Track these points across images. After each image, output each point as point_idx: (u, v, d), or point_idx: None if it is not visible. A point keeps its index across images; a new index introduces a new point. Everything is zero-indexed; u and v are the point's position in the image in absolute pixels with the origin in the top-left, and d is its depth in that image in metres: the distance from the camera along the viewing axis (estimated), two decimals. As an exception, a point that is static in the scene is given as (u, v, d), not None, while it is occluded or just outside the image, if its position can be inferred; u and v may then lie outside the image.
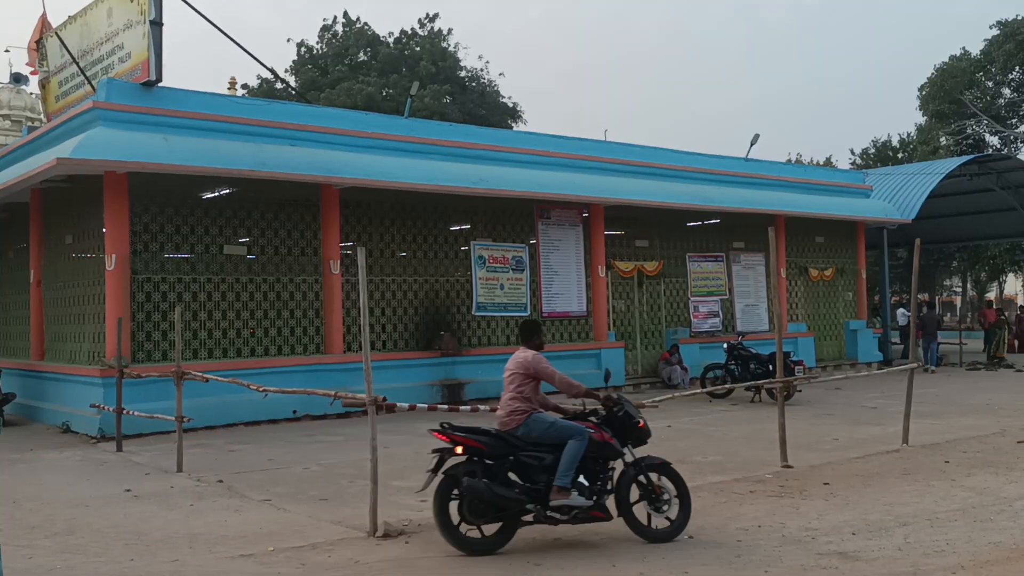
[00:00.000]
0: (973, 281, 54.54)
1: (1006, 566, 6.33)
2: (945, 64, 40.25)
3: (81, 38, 15.75)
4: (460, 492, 6.63)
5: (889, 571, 6.22)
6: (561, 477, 6.63)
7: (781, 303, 22.70)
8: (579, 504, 6.72)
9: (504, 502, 6.61)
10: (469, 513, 6.66)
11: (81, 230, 15.00)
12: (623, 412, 7.12)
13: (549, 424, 6.94)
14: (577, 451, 6.71)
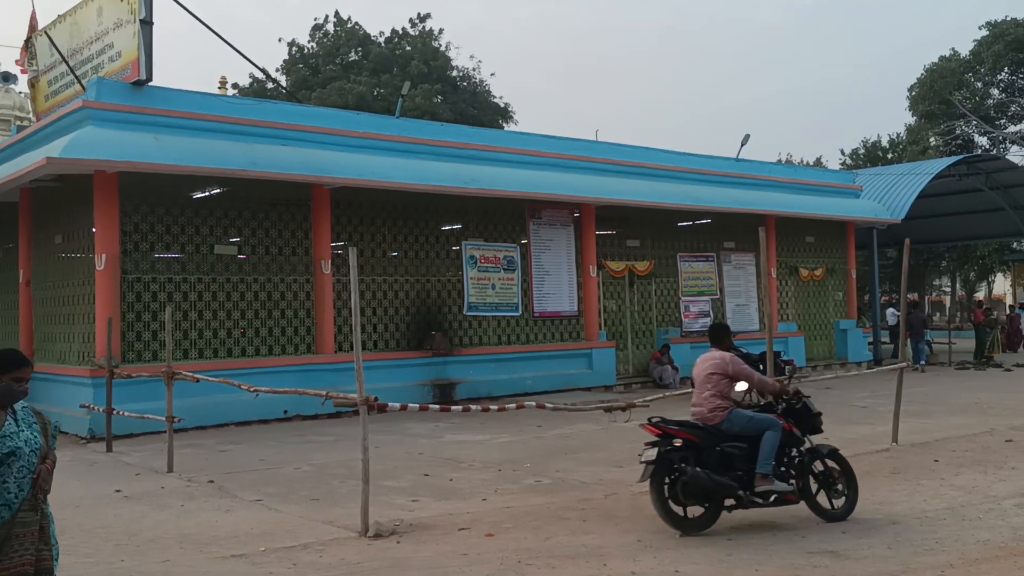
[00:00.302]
0: (962, 281, 54.86)
1: (995, 564, 6.37)
2: (935, 65, 40.46)
3: (71, 37, 15.69)
4: (677, 478, 7.19)
5: (879, 570, 6.25)
6: (763, 465, 7.25)
7: (772, 303, 22.78)
8: (781, 489, 7.34)
9: (719, 488, 7.19)
10: (683, 496, 7.21)
11: (71, 230, 14.94)
12: (801, 404, 7.78)
13: (749, 418, 7.51)
14: (775, 441, 7.33)
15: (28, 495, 4.13)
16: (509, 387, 17.11)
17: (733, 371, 7.57)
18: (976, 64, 39.05)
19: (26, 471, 4.14)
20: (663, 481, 7.23)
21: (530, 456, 11.16)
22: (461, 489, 9.17)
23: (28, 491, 4.14)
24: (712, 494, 7.21)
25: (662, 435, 7.37)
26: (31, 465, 4.16)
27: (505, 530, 7.40)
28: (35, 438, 4.22)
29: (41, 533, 4.18)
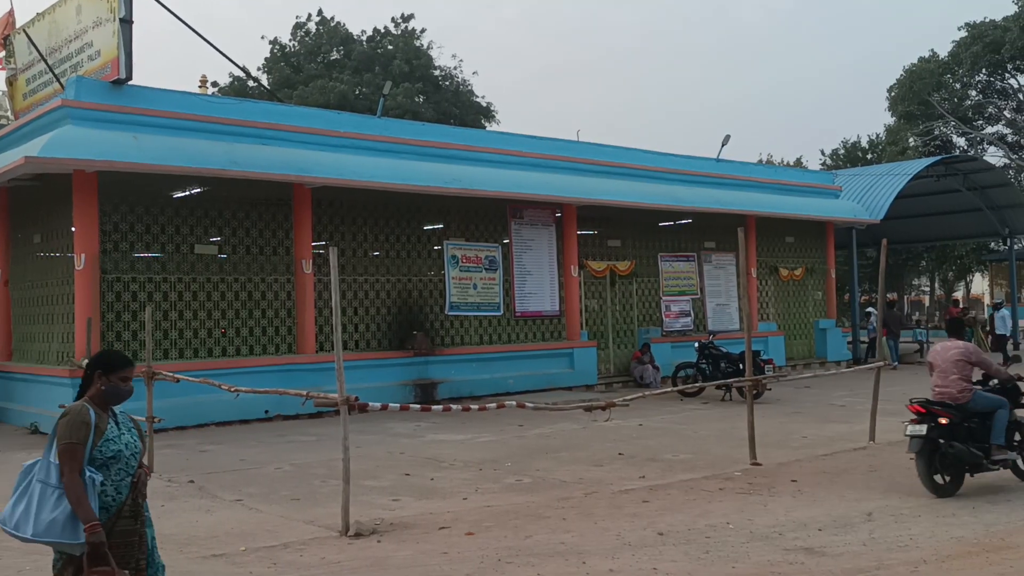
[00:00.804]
0: (941, 280, 55.37)
1: (966, 560, 6.48)
2: (914, 66, 40.80)
3: (49, 35, 15.58)
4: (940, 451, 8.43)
5: (854, 566, 6.34)
6: (997, 437, 8.63)
7: (751, 303, 22.93)
8: (1011, 457, 8.76)
9: (973, 458, 8.44)
10: (941, 467, 8.48)
11: (50, 229, 14.85)
12: (1013, 386, 9.08)
13: (986, 398, 8.81)
14: (1005, 417, 8.70)
15: (128, 500, 4.14)
16: (491, 387, 17.15)
17: (976, 359, 8.82)
18: (954, 65, 39.41)
19: (124, 474, 4.14)
20: (931, 453, 8.41)
21: (511, 455, 11.21)
22: (442, 488, 9.21)
23: (126, 495, 4.14)
24: (965, 464, 8.46)
25: (925, 413, 8.58)
26: (130, 469, 4.17)
27: (485, 529, 7.44)
28: (135, 442, 4.25)
29: (140, 542, 4.19)
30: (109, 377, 4.19)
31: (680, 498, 8.58)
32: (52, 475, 3.99)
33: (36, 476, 4.03)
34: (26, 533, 3.94)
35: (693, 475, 9.72)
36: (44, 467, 4.03)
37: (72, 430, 4.00)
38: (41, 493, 3.97)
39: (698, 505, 8.28)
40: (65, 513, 3.92)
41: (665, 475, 9.76)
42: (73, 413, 4.06)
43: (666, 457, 10.92)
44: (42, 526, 3.92)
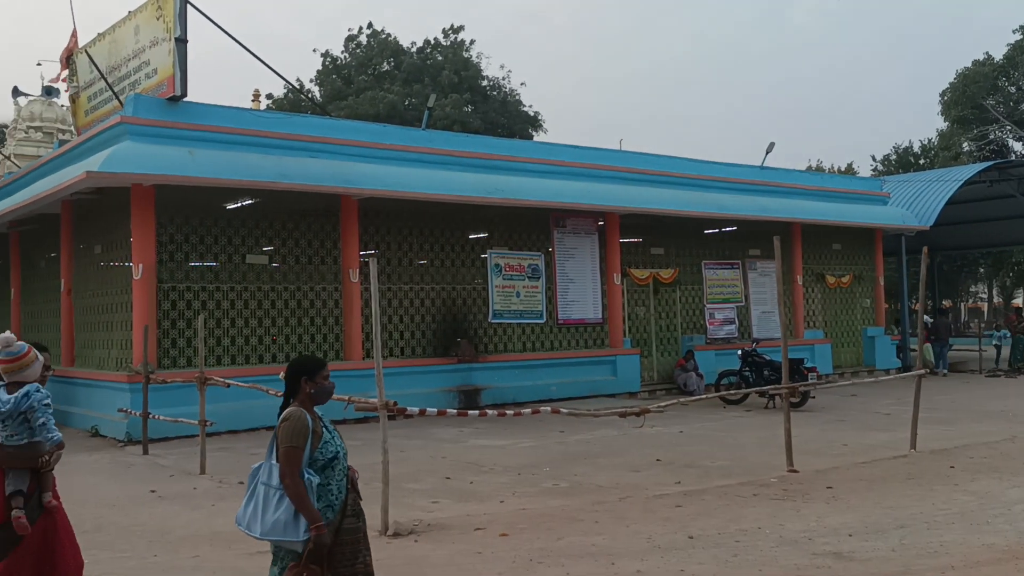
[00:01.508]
0: (999, 287, 54.17)
1: (995, 567, 6.52)
2: (968, 69, 40.08)
3: (109, 55, 16.26)
4: None
5: (880, 571, 6.42)
6: None
7: (796, 310, 22.83)
8: None
9: None
10: None
11: (109, 240, 15.47)
12: None
13: None
14: None
15: (349, 499, 4.46)
16: (534, 393, 17.36)
17: None
18: (1010, 68, 38.66)
19: (342, 474, 4.47)
20: None
21: (550, 460, 11.41)
22: (480, 492, 9.45)
23: (345, 493, 4.45)
24: None
25: None
26: (344, 469, 4.49)
27: (519, 531, 7.67)
28: (342, 442, 4.56)
29: (364, 539, 4.52)
30: (314, 380, 4.50)
31: (714, 503, 8.70)
32: (274, 477, 4.28)
33: (260, 479, 4.34)
34: (256, 532, 4.28)
35: (729, 481, 9.82)
36: (267, 470, 4.34)
37: (293, 435, 4.28)
38: (265, 494, 4.28)
39: (731, 510, 8.39)
40: (288, 513, 4.20)
41: (701, 481, 9.88)
42: (293, 419, 4.33)
43: (704, 463, 11.03)
44: (268, 525, 4.23)
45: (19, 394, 4.71)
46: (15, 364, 4.77)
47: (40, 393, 4.77)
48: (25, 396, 4.69)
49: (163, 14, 14.31)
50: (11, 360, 4.77)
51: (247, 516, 4.33)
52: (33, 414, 4.70)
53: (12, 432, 4.69)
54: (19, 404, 4.67)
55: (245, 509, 4.35)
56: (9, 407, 4.65)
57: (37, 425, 4.73)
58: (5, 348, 4.78)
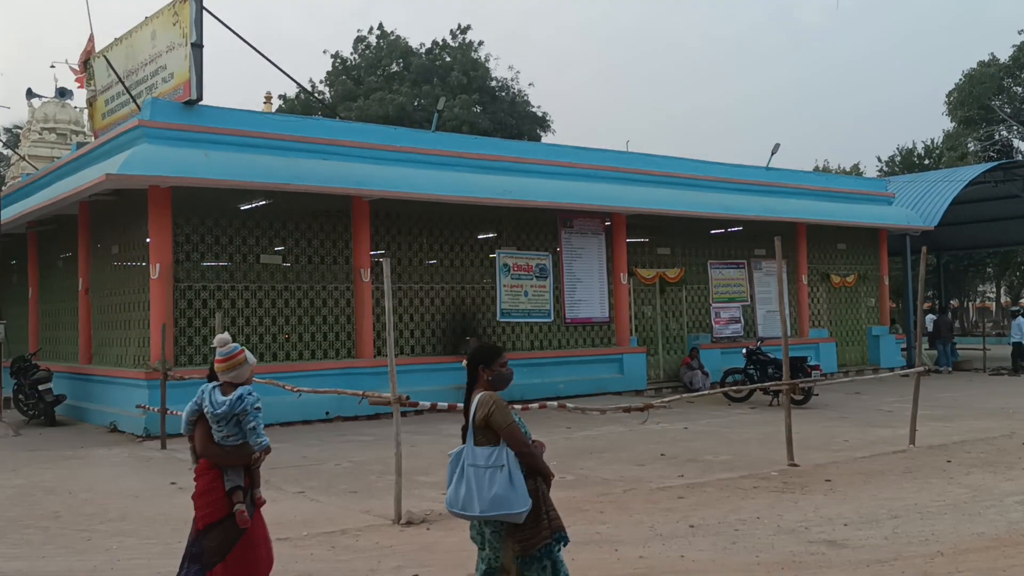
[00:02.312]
0: (1007, 287, 54.24)
1: (983, 554, 6.80)
2: (973, 70, 40.22)
3: (126, 59, 16.63)
4: None
5: (872, 557, 6.71)
6: None
7: (802, 309, 23.09)
8: None
9: None
10: None
11: (127, 241, 15.84)
12: None
13: None
14: None
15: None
16: (542, 391, 17.64)
17: None
18: (1016, 69, 38.78)
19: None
20: None
21: (557, 455, 11.68)
22: (489, 484, 9.75)
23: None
24: None
25: None
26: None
27: (527, 520, 7.96)
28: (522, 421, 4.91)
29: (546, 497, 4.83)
30: (491, 367, 4.81)
31: (715, 495, 9.00)
32: (479, 458, 4.60)
33: (466, 462, 4.65)
34: (474, 511, 4.57)
35: (731, 475, 10.11)
36: (470, 453, 4.65)
37: (505, 413, 4.64)
38: (476, 475, 4.58)
39: (731, 502, 8.69)
40: (504, 488, 4.51)
41: (703, 475, 10.17)
42: (498, 401, 4.69)
43: (706, 458, 11.32)
44: (487, 503, 4.53)
45: (233, 397, 4.91)
46: (228, 363, 4.98)
47: (252, 397, 4.97)
48: (239, 399, 4.90)
49: (179, 20, 14.66)
50: (226, 360, 4.98)
51: (460, 498, 4.61)
52: (245, 417, 4.91)
53: (228, 433, 4.90)
54: (233, 407, 4.87)
55: (456, 492, 4.63)
56: (224, 409, 4.86)
57: (248, 429, 4.94)
58: (221, 348, 5.00)
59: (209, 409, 4.85)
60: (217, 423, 4.87)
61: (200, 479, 4.92)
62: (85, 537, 7.58)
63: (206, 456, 4.89)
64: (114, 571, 6.60)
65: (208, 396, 4.88)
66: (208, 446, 4.87)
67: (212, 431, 4.88)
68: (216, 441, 4.88)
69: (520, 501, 4.47)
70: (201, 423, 4.92)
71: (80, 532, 7.76)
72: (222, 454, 4.88)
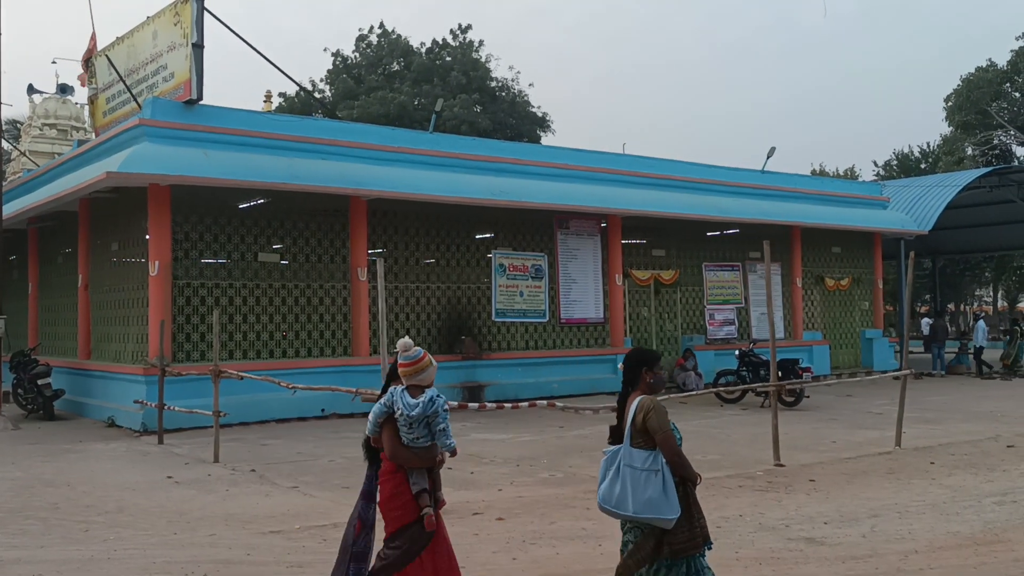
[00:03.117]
0: (1004, 291, 54.44)
1: (956, 551, 6.98)
2: (971, 75, 40.41)
3: (128, 58, 16.81)
4: None
5: (848, 553, 6.89)
6: None
7: (796, 312, 23.28)
8: None
9: None
10: None
11: (126, 238, 16.02)
12: None
13: None
14: None
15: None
16: (536, 390, 17.83)
17: None
18: (1013, 74, 38.96)
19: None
20: None
21: (548, 453, 11.89)
22: (480, 481, 9.95)
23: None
24: None
25: None
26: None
27: (515, 515, 8.16)
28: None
29: (696, 503, 4.96)
30: (653, 371, 4.93)
31: (700, 493, 8.90)
32: (636, 460, 4.72)
33: (623, 461, 4.76)
34: (627, 511, 4.69)
35: (717, 473, 10.28)
36: (627, 454, 4.76)
37: (663, 419, 4.74)
38: (632, 476, 4.69)
39: (716, 500, 8.86)
40: (658, 492, 4.63)
41: (691, 473, 10.33)
42: (658, 405, 4.79)
43: (695, 457, 11.27)
44: (640, 504, 4.64)
45: (425, 399, 4.91)
46: (414, 367, 4.96)
47: (441, 399, 4.98)
48: (431, 402, 4.91)
49: (181, 20, 14.85)
50: (411, 364, 4.96)
51: (615, 497, 4.72)
52: (435, 419, 4.92)
53: (418, 435, 4.90)
54: (426, 409, 4.88)
55: (611, 489, 4.75)
56: (418, 411, 4.86)
57: (437, 430, 4.94)
58: (404, 352, 5.00)
59: (403, 411, 4.85)
60: (409, 426, 4.87)
61: (386, 483, 4.96)
62: (83, 528, 7.77)
63: (396, 459, 4.91)
64: (111, 560, 6.78)
65: (399, 399, 4.88)
66: (398, 448, 4.88)
67: (401, 433, 4.91)
68: (405, 444, 4.91)
69: (671, 508, 4.62)
70: (388, 425, 4.92)
71: (78, 523, 7.95)
72: (412, 456, 4.89)
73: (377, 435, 4.97)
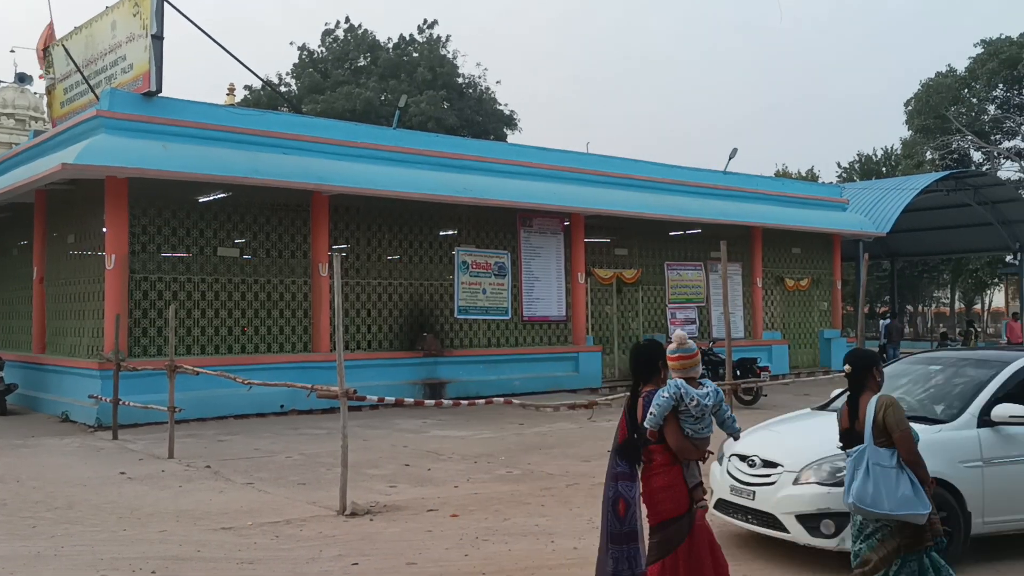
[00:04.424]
0: (961, 293, 55.45)
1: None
2: (931, 80, 41.06)
3: (86, 48, 16.56)
4: None
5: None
6: None
7: (756, 311, 23.53)
8: None
9: None
10: None
11: (83, 230, 15.79)
12: None
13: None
14: None
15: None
16: (498, 388, 17.84)
17: None
18: (971, 80, 39.64)
19: None
20: None
21: (506, 451, 11.94)
22: (437, 478, 9.96)
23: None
24: None
25: None
26: None
27: (469, 512, 8.19)
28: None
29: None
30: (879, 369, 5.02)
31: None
32: (882, 458, 4.75)
33: (870, 460, 4.77)
34: (883, 509, 4.73)
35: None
36: (873, 452, 4.78)
37: (902, 415, 4.78)
38: (884, 475, 4.73)
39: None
40: (910, 489, 4.70)
41: (646, 471, 10.43)
42: (895, 402, 4.83)
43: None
44: (895, 501, 4.70)
45: (711, 389, 4.98)
46: (692, 360, 5.00)
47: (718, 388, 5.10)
48: (716, 392, 5.00)
49: (140, 11, 14.66)
50: (690, 356, 5.00)
51: (869, 495, 4.75)
52: (720, 408, 5.00)
53: (703, 426, 4.94)
54: (716, 398, 4.96)
55: (864, 488, 4.77)
56: (711, 400, 4.94)
57: (727, 418, 5.05)
58: (682, 345, 5.02)
59: (700, 403, 4.88)
60: (700, 417, 4.92)
61: (659, 476, 4.98)
62: (31, 524, 7.66)
63: (682, 451, 4.91)
64: (57, 557, 6.71)
65: (686, 391, 4.90)
66: (683, 441, 4.90)
67: (684, 425, 4.92)
68: (686, 435, 4.93)
69: (923, 504, 4.72)
70: (673, 418, 4.90)
71: (26, 519, 7.84)
72: (693, 448, 4.93)
73: (659, 427, 4.95)
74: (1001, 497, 6.58)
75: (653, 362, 5.06)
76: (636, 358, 5.20)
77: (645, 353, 5.14)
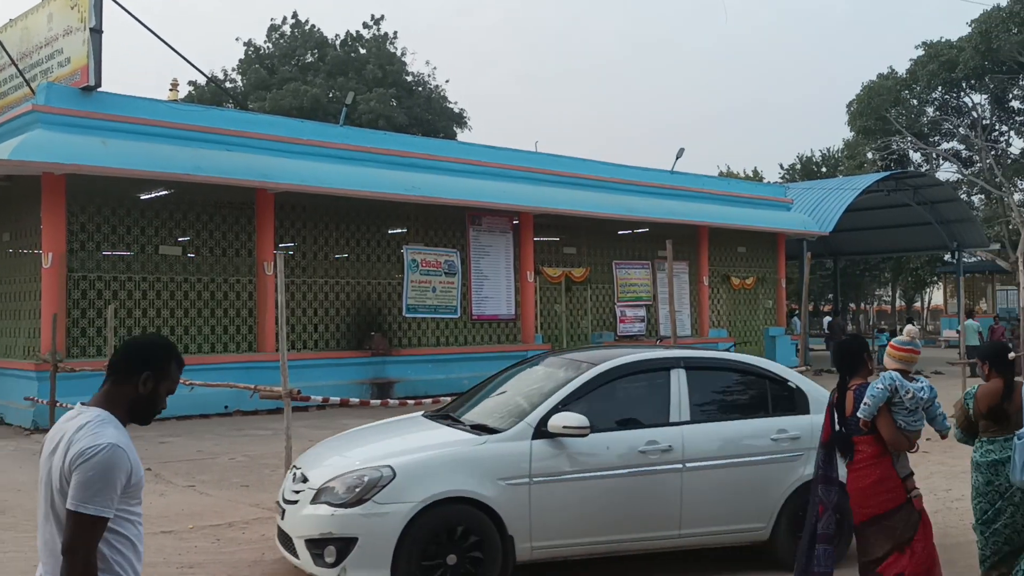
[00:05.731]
0: (901, 290, 56.79)
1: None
2: (872, 82, 41.91)
3: (21, 41, 16.11)
4: None
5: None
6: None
7: (702, 309, 23.81)
8: None
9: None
10: None
11: (19, 228, 15.37)
12: None
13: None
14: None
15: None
16: (446, 387, 17.77)
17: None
18: (912, 83, 40.55)
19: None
20: None
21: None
22: (383, 478, 9.86)
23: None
24: None
25: None
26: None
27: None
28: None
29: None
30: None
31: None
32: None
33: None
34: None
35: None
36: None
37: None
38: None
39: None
40: None
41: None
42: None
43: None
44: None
45: (925, 384, 5.04)
46: (915, 356, 5.13)
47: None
48: (930, 388, 5.03)
49: (78, 3, 14.30)
50: (916, 352, 5.14)
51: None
52: (932, 403, 5.02)
53: (915, 419, 4.98)
54: (931, 392, 5.01)
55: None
56: (928, 394, 4.98)
57: (938, 414, 5.09)
58: (913, 340, 5.15)
59: (915, 395, 4.94)
60: (913, 410, 4.96)
61: (870, 469, 5.00)
62: (-40, 531, 7.43)
63: (895, 443, 4.96)
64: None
65: (901, 384, 4.94)
66: (896, 433, 4.95)
67: (897, 418, 4.95)
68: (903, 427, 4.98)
69: None
70: (884, 411, 4.93)
71: (-45, 526, 7.59)
72: (905, 440, 4.99)
73: (872, 418, 4.98)
74: (552, 519, 5.73)
75: (859, 356, 5.20)
76: (843, 354, 5.30)
77: (853, 348, 5.27)
